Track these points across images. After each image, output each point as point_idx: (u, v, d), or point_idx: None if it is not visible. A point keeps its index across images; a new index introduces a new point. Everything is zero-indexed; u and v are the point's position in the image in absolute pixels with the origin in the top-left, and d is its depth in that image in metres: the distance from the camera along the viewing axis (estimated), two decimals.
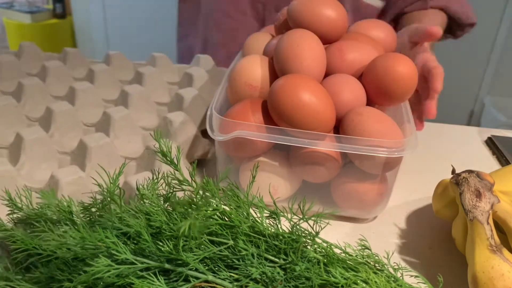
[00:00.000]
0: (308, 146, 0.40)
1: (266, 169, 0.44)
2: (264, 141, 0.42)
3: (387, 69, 0.42)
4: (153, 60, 0.69)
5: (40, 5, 2.43)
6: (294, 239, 0.32)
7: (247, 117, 0.42)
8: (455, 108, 1.91)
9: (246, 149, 0.43)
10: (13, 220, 0.35)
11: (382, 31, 0.51)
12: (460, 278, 0.39)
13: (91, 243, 0.29)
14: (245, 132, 0.41)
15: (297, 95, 0.39)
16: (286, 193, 0.45)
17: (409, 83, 0.42)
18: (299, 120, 0.39)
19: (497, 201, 0.36)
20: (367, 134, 0.39)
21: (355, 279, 0.30)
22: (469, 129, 0.67)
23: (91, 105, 0.58)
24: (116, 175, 0.36)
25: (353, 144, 0.40)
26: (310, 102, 0.39)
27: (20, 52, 0.69)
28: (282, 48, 0.43)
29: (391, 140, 0.39)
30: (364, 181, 0.43)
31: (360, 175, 0.43)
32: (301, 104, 0.39)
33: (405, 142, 0.40)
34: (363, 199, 0.43)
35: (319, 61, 0.43)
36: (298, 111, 0.39)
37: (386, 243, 0.43)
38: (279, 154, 0.44)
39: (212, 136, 0.42)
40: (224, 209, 0.33)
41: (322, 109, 0.39)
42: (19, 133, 0.47)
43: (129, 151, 0.51)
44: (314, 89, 0.40)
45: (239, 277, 0.30)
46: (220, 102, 0.46)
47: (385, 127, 0.40)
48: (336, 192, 0.45)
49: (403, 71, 0.42)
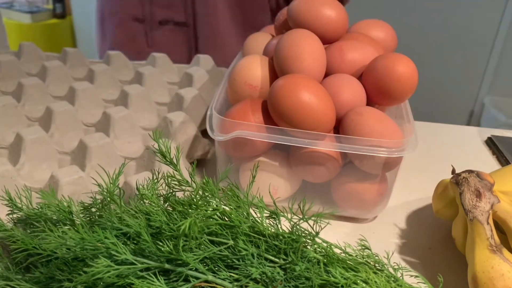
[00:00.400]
0: (308, 146, 0.40)
1: (266, 169, 0.44)
2: (264, 141, 0.42)
3: (387, 69, 0.42)
4: (153, 60, 0.69)
5: (40, 5, 2.43)
6: (294, 239, 0.32)
7: (247, 117, 0.42)
8: (455, 108, 1.91)
9: (246, 149, 0.43)
10: (13, 220, 0.35)
11: (382, 31, 0.51)
12: (460, 278, 0.39)
13: (91, 243, 0.29)
14: (245, 132, 0.41)
15: (297, 95, 0.39)
16: (286, 193, 0.45)
17: (409, 83, 0.42)
18: (299, 120, 0.39)
19: (497, 201, 0.36)
20: (366, 134, 0.39)
21: (355, 279, 0.30)
22: (469, 129, 0.67)
23: (91, 105, 0.58)
24: (116, 175, 0.36)
25: (352, 144, 0.39)
26: (310, 102, 0.39)
27: (20, 52, 0.69)
28: (282, 48, 0.43)
29: (391, 140, 0.39)
30: (364, 181, 0.43)
31: (360, 175, 0.43)
32: (301, 104, 0.39)
33: (405, 142, 0.40)
34: (363, 199, 0.43)
35: (319, 61, 0.43)
36: (298, 111, 0.39)
37: (386, 243, 0.43)
38: (279, 154, 0.44)
39: (212, 136, 0.42)
40: (224, 209, 0.33)
41: (322, 109, 0.39)
42: (19, 133, 0.47)
43: (129, 151, 0.51)
44: (314, 89, 0.40)
45: (239, 277, 0.30)
46: (220, 102, 0.46)
47: (385, 127, 0.40)
48: (336, 192, 0.45)
49: (403, 71, 0.42)
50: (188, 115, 0.53)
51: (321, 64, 0.43)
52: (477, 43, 1.80)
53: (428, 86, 1.78)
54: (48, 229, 0.31)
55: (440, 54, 1.80)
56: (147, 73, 0.63)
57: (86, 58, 0.70)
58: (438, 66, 1.80)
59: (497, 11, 1.75)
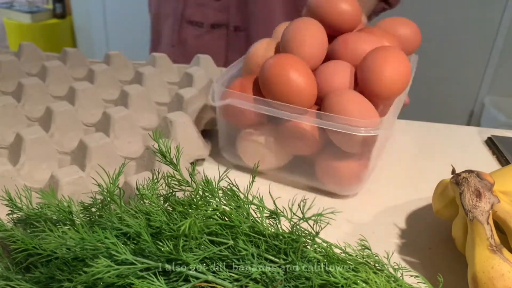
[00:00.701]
0: (289, 118, 0.45)
1: (258, 140, 0.49)
2: (254, 112, 0.47)
3: (374, 64, 0.44)
4: (153, 60, 0.69)
5: (40, 5, 2.43)
6: (294, 239, 0.32)
7: (242, 89, 0.48)
8: (455, 108, 1.91)
9: (239, 118, 0.49)
10: (13, 220, 0.35)
11: (406, 28, 0.54)
12: (460, 278, 0.39)
13: (91, 243, 0.29)
14: (236, 101, 0.47)
15: (284, 72, 0.44)
16: (275, 164, 0.50)
17: (393, 84, 0.44)
18: (284, 94, 0.44)
19: (497, 201, 0.36)
20: (343, 113, 0.43)
21: (355, 279, 0.30)
22: (469, 129, 0.67)
23: (91, 105, 0.58)
24: (116, 175, 0.36)
25: (329, 121, 0.43)
26: (294, 79, 0.44)
27: (20, 52, 0.69)
28: (287, 32, 0.48)
29: (365, 119, 0.42)
30: (342, 159, 0.47)
31: (339, 154, 0.46)
32: (286, 79, 0.44)
33: (376, 122, 0.42)
34: (341, 175, 0.47)
35: (318, 47, 0.48)
36: (283, 86, 0.44)
37: (386, 243, 0.43)
38: (270, 127, 0.49)
39: (212, 103, 0.48)
40: (224, 209, 0.33)
41: (304, 85, 0.44)
42: (19, 133, 0.47)
43: (129, 151, 0.51)
44: (298, 68, 0.44)
45: (239, 277, 0.30)
46: (225, 78, 0.51)
47: (363, 108, 0.44)
48: (319, 169, 0.49)
49: (388, 70, 0.44)
50: (188, 115, 0.53)
51: (320, 51, 0.48)
52: (477, 43, 1.80)
53: (428, 86, 1.78)
54: (48, 229, 0.31)
55: (440, 54, 1.80)
56: (147, 73, 0.63)
57: (86, 58, 0.70)
58: (438, 66, 1.80)
59: (497, 11, 1.75)
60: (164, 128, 0.52)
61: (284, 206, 0.35)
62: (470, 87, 1.89)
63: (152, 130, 0.53)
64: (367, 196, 0.50)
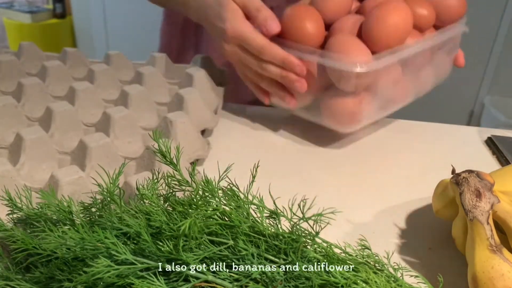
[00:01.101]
0: (298, 55, 0.52)
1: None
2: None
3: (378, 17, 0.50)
4: (153, 60, 0.69)
5: (40, 5, 2.44)
6: (294, 239, 0.32)
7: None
8: (455, 108, 1.91)
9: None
10: (13, 220, 0.35)
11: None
12: (460, 278, 0.39)
13: (91, 243, 0.29)
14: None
15: (296, 19, 0.53)
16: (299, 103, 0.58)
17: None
18: (295, 33, 0.53)
19: (497, 201, 0.36)
20: (337, 50, 0.50)
21: (355, 279, 0.30)
22: (469, 129, 0.67)
23: (91, 105, 0.58)
24: (116, 175, 0.36)
25: (326, 57, 0.51)
26: (306, 26, 0.53)
27: (20, 52, 0.69)
28: None
29: (359, 57, 0.49)
30: (339, 97, 0.53)
31: (337, 92, 0.53)
32: (298, 23, 0.53)
33: (369, 59, 0.49)
34: (338, 112, 0.54)
35: (343, 3, 0.56)
36: (295, 29, 0.53)
37: (386, 243, 0.43)
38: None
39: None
40: (224, 209, 0.33)
41: (313, 30, 0.53)
42: (19, 133, 0.47)
43: (129, 151, 0.51)
44: (311, 15, 0.53)
45: (239, 277, 0.30)
46: None
47: (356, 49, 0.50)
48: (322, 107, 0.56)
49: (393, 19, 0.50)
50: (188, 115, 0.53)
51: (342, 7, 0.56)
52: (477, 43, 1.80)
53: None
54: (48, 229, 0.31)
55: None
56: (147, 73, 0.63)
57: (86, 58, 0.70)
58: None
59: (497, 11, 1.75)
60: (164, 128, 0.52)
61: (284, 206, 0.35)
62: (470, 87, 1.89)
63: (152, 130, 0.53)
64: (367, 196, 0.50)
